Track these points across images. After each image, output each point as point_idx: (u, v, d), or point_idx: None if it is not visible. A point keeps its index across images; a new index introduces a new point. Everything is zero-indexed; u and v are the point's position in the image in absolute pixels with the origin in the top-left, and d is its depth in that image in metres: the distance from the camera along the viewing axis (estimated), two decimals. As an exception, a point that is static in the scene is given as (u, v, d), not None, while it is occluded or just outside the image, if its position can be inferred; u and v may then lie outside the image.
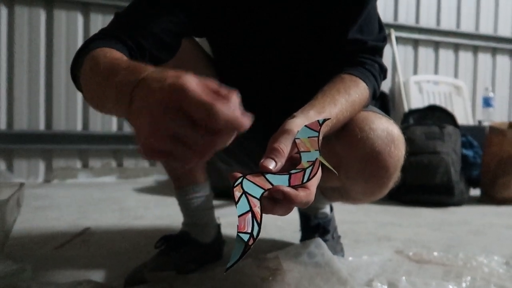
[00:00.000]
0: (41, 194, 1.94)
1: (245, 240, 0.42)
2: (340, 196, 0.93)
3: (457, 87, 3.24)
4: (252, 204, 0.45)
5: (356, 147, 0.75)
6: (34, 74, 2.28)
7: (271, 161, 0.51)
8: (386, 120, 0.77)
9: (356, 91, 0.72)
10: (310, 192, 0.50)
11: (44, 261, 0.96)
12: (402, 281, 0.82)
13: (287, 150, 0.53)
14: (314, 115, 0.62)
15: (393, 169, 0.77)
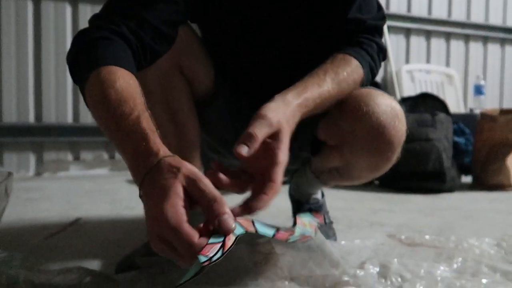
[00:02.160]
0: (31, 186, 1.92)
1: (201, 261, 0.44)
2: (338, 177, 0.92)
3: (449, 76, 3.25)
4: (227, 238, 0.47)
5: (361, 122, 0.75)
6: (23, 66, 2.25)
7: (244, 146, 0.54)
8: (388, 96, 0.78)
9: (345, 69, 0.73)
10: (276, 186, 0.55)
11: (34, 250, 0.95)
12: (394, 263, 0.82)
13: (261, 135, 0.55)
14: (292, 98, 0.64)
15: (397, 143, 0.78)
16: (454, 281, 0.75)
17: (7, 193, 0.92)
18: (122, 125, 0.54)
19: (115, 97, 0.56)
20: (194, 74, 0.85)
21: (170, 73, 0.82)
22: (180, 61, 0.83)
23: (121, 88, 0.57)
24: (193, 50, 0.85)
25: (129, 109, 0.55)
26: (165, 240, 0.48)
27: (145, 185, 0.51)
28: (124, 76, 0.59)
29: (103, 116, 0.57)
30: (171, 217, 0.46)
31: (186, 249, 0.46)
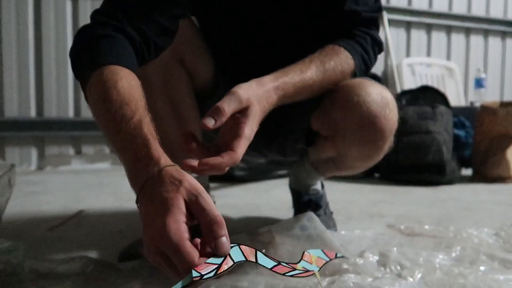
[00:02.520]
0: (34, 180, 1.93)
1: (193, 275, 0.44)
2: (334, 167, 0.93)
3: (450, 69, 3.24)
4: (224, 262, 0.47)
5: (352, 111, 0.76)
6: (24, 61, 2.25)
7: (211, 119, 0.54)
8: (379, 86, 0.79)
9: (333, 58, 0.74)
10: (235, 154, 0.55)
11: (37, 241, 0.96)
12: (393, 252, 0.83)
13: (228, 109, 0.56)
14: (268, 80, 0.65)
15: (388, 132, 0.79)
16: (452, 268, 0.76)
17: (11, 184, 0.93)
18: (123, 127, 0.53)
19: (117, 98, 0.55)
20: (194, 67, 0.86)
21: (171, 66, 0.83)
22: (181, 54, 0.83)
23: (123, 89, 0.56)
24: (194, 43, 0.86)
25: (130, 112, 0.54)
26: (162, 254, 0.46)
27: (144, 194, 0.50)
28: (126, 76, 0.58)
29: (104, 116, 0.56)
30: (174, 234, 0.45)
31: (186, 268, 0.45)
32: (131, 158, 0.52)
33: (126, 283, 0.69)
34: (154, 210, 0.48)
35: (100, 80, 0.57)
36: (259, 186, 1.86)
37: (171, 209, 0.46)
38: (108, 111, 0.55)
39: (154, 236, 0.46)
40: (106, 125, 0.56)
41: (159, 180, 0.49)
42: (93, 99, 0.59)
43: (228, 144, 0.56)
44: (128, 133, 0.53)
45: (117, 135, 0.54)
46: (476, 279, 0.71)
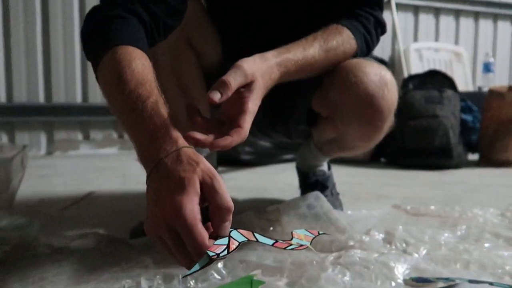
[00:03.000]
0: (44, 164, 1.96)
1: (210, 255, 0.45)
2: (337, 148, 0.94)
3: (458, 54, 3.21)
4: (230, 242, 0.48)
5: (350, 91, 0.77)
6: (32, 47, 2.27)
7: (217, 92, 0.54)
8: (378, 66, 0.78)
9: (336, 38, 0.74)
10: (243, 131, 0.55)
11: (50, 220, 0.98)
12: (399, 230, 0.85)
13: (234, 84, 0.56)
14: (271, 56, 0.65)
15: (387, 112, 0.79)
16: (457, 245, 0.77)
17: (23, 165, 0.95)
18: (139, 107, 0.53)
19: (131, 78, 0.55)
20: (202, 47, 0.86)
21: (180, 47, 0.83)
22: (189, 34, 0.84)
23: (137, 70, 0.56)
24: (201, 23, 0.86)
25: (146, 92, 0.54)
26: (170, 231, 0.47)
27: (159, 171, 0.49)
28: (139, 57, 0.59)
29: (117, 95, 0.56)
30: (189, 214, 0.45)
31: (196, 248, 0.46)
32: (148, 136, 0.52)
33: (138, 257, 0.71)
34: (169, 188, 0.48)
35: (113, 60, 0.58)
36: (266, 170, 1.88)
37: (187, 189, 0.47)
38: (122, 90, 0.55)
39: (168, 214, 0.46)
40: (119, 105, 0.56)
41: (176, 159, 0.49)
42: (105, 79, 0.59)
43: (233, 119, 0.57)
44: (144, 112, 0.53)
45: (130, 114, 0.54)
46: (480, 255, 0.72)
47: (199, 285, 0.62)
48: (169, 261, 0.68)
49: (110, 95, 0.58)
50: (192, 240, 0.45)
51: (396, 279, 0.64)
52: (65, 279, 0.64)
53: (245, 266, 0.67)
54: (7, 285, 0.61)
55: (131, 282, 0.60)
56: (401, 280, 0.64)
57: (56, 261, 0.70)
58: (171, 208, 0.46)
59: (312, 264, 0.67)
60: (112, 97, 0.58)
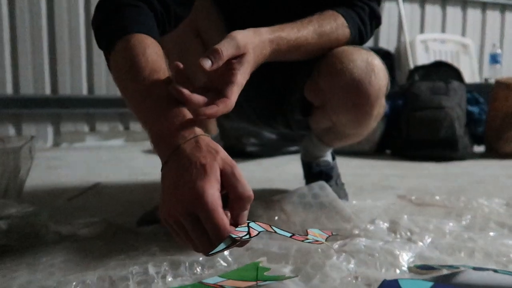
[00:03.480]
0: (51, 156, 1.98)
1: (233, 237, 0.46)
2: (334, 137, 0.95)
3: (465, 45, 3.18)
4: (251, 231, 0.49)
5: (337, 78, 0.77)
6: (37, 39, 2.28)
7: (208, 60, 0.54)
8: (365, 52, 0.78)
9: (330, 23, 0.74)
10: (229, 101, 0.55)
11: (58, 209, 1.00)
12: (404, 219, 0.85)
13: (226, 53, 0.56)
14: (265, 32, 0.65)
15: (374, 97, 0.79)
16: (462, 233, 0.78)
17: (31, 155, 0.96)
18: (154, 93, 0.53)
19: (146, 65, 0.56)
20: (209, 38, 0.87)
21: (187, 37, 0.84)
22: (197, 25, 0.84)
23: (151, 57, 0.57)
24: (209, 14, 0.86)
25: (161, 79, 0.55)
26: (188, 216, 0.47)
27: (178, 157, 0.49)
28: (153, 45, 0.59)
29: (131, 83, 0.56)
30: (211, 199, 0.46)
31: (218, 232, 0.46)
32: (164, 122, 0.52)
33: (145, 245, 0.72)
34: (190, 173, 0.48)
35: (127, 47, 0.58)
36: (271, 162, 1.89)
37: (209, 175, 0.47)
38: (136, 77, 0.55)
39: (189, 198, 0.47)
40: (133, 91, 0.56)
41: (195, 146, 0.49)
42: (118, 65, 0.59)
43: (220, 89, 0.56)
44: (160, 99, 0.53)
45: (145, 101, 0.54)
46: (485, 244, 0.72)
47: (206, 272, 0.63)
48: (176, 248, 0.69)
49: (123, 81, 0.58)
50: (214, 224, 0.46)
51: (401, 267, 0.65)
52: (73, 265, 0.65)
53: (251, 254, 0.68)
54: (17, 271, 0.62)
55: (139, 269, 0.61)
56: (405, 267, 0.65)
57: (64, 248, 0.71)
58: (193, 193, 0.46)
59: (317, 252, 0.67)
60: (125, 83, 0.58)
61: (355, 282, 0.60)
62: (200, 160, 0.48)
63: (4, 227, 0.73)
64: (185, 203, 0.47)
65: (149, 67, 0.56)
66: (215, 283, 0.57)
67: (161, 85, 0.54)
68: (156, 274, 0.61)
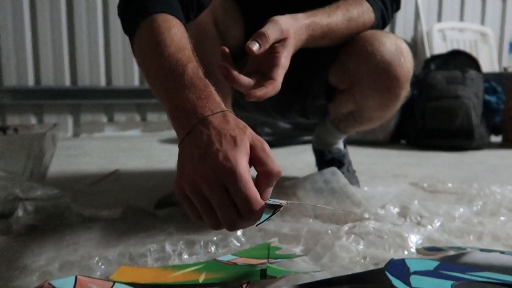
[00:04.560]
0: (71, 145, 2.04)
1: (274, 204, 0.46)
2: (354, 121, 0.96)
3: (483, 34, 3.12)
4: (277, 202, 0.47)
5: (367, 61, 0.79)
6: (57, 33, 2.34)
7: (256, 43, 0.56)
8: (394, 36, 0.81)
9: (356, 8, 0.75)
10: (276, 83, 0.56)
11: (79, 194, 1.04)
12: (415, 204, 0.86)
13: (272, 37, 0.57)
14: (301, 17, 0.66)
15: (404, 79, 0.80)
16: (471, 218, 0.79)
17: (54, 141, 1.01)
18: (179, 70, 0.53)
19: (171, 43, 0.56)
20: (227, 28, 0.88)
21: (205, 27, 0.86)
22: (215, 15, 0.86)
23: (177, 36, 0.57)
24: (227, 5, 0.88)
25: (186, 57, 0.55)
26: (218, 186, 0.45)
27: (205, 127, 0.48)
28: (178, 25, 0.60)
29: (155, 59, 0.56)
30: (243, 170, 0.44)
31: (249, 202, 0.44)
32: (190, 96, 0.51)
33: (162, 226, 0.75)
34: (220, 143, 0.46)
35: (152, 26, 0.58)
36: (284, 151, 1.91)
37: (240, 147, 0.46)
38: (160, 54, 0.55)
39: (221, 169, 0.44)
40: (157, 68, 0.55)
41: (223, 119, 0.49)
42: (143, 43, 0.60)
43: (266, 72, 0.58)
44: (186, 75, 0.52)
45: (169, 76, 0.53)
46: (494, 227, 0.73)
47: (220, 251, 0.66)
48: (191, 229, 0.72)
49: (146, 58, 0.58)
50: (246, 195, 0.44)
51: (409, 248, 0.67)
52: (96, 243, 0.69)
53: (263, 235, 0.70)
54: (44, 248, 0.66)
55: (156, 247, 0.65)
56: (413, 249, 0.66)
57: (87, 229, 0.75)
58: (225, 163, 0.44)
59: (327, 233, 0.70)
60: (148, 60, 0.58)
61: (364, 262, 0.62)
62: (230, 132, 0.47)
63: (31, 208, 0.77)
64: (216, 173, 0.45)
65: (174, 45, 0.56)
66: (228, 260, 0.60)
67: (187, 63, 0.54)
68: (172, 251, 0.64)
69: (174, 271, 0.56)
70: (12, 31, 2.26)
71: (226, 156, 0.45)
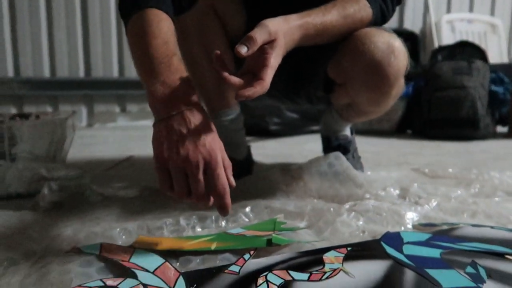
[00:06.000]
0: (86, 134, 2.11)
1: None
2: (354, 113, 1.01)
3: (493, 25, 3.11)
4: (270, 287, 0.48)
5: (358, 59, 0.82)
6: (72, 26, 2.40)
7: (244, 46, 0.60)
8: (387, 34, 0.83)
9: (353, 5, 0.79)
10: (265, 83, 0.61)
11: (97, 177, 1.10)
12: (414, 187, 0.91)
13: (259, 39, 0.62)
14: (294, 18, 0.71)
15: (393, 78, 0.83)
16: (467, 198, 0.83)
17: (74, 127, 1.07)
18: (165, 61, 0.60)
19: (158, 35, 0.62)
20: (227, 15, 0.92)
21: (205, 15, 0.90)
22: (215, 4, 0.90)
23: (164, 30, 0.63)
24: None
25: (171, 50, 0.62)
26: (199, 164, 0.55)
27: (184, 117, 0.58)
28: (166, 20, 0.66)
29: (143, 48, 0.62)
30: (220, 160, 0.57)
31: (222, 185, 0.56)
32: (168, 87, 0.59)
33: (176, 204, 0.81)
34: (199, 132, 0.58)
35: (143, 18, 0.65)
36: (292, 140, 1.95)
37: (214, 133, 0.59)
38: (149, 43, 0.62)
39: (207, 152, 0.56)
40: (143, 55, 0.62)
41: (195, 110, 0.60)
42: (134, 31, 0.66)
43: (256, 73, 0.63)
44: (168, 66, 0.60)
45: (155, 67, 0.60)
46: (488, 207, 0.78)
47: (230, 225, 0.72)
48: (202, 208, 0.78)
49: (136, 46, 0.65)
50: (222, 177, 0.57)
51: (406, 225, 0.71)
52: (115, 218, 0.75)
53: (269, 211, 0.76)
54: (69, 221, 0.73)
55: (172, 221, 0.70)
56: (410, 225, 0.71)
57: (107, 206, 0.82)
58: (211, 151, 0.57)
59: (329, 211, 0.75)
60: (138, 48, 0.64)
61: (362, 235, 0.67)
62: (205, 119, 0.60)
63: (55, 187, 0.83)
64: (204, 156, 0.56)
65: (162, 37, 0.62)
66: (237, 232, 0.66)
67: (172, 55, 0.61)
68: (186, 225, 0.70)
69: (188, 241, 0.62)
70: (28, 25, 2.34)
71: (211, 147, 0.57)
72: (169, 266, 0.52)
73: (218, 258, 0.56)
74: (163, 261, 0.53)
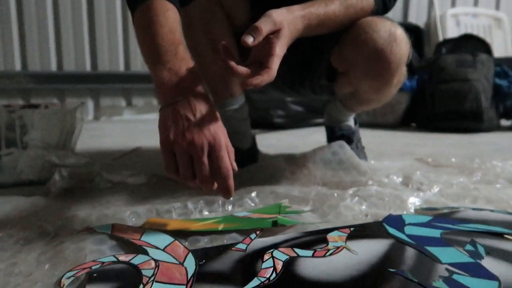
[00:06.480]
0: (93, 127, 2.14)
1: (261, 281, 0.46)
2: (355, 102, 1.02)
3: (498, 19, 3.11)
4: (276, 262, 0.50)
5: (360, 47, 0.84)
6: (78, 20, 2.43)
7: (250, 37, 0.62)
8: (389, 23, 0.84)
9: None
10: (271, 71, 0.62)
11: (106, 166, 1.12)
12: (417, 174, 0.92)
13: (265, 29, 0.63)
14: (296, 9, 0.72)
15: (395, 66, 0.85)
16: (468, 185, 0.84)
17: (82, 117, 1.09)
18: (172, 49, 0.63)
19: (165, 24, 0.64)
20: (232, 7, 0.94)
21: (211, 7, 0.92)
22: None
23: (170, 20, 0.66)
24: None
25: (177, 39, 0.64)
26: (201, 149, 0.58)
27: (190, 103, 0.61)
28: (172, 10, 0.68)
29: (150, 36, 0.64)
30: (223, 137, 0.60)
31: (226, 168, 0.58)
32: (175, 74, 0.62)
33: (183, 190, 0.83)
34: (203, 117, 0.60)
35: (150, 8, 0.67)
36: (296, 132, 1.97)
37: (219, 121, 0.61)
38: (156, 32, 0.64)
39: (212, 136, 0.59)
40: (151, 44, 0.64)
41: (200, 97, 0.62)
42: (141, 21, 0.68)
43: (262, 62, 0.65)
44: (174, 54, 0.63)
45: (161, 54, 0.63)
46: (489, 193, 0.79)
47: (236, 209, 0.74)
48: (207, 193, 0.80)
49: (143, 35, 0.67)
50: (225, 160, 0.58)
51: (408, 209, 0.73)
52: (125, 203, 0.77)
53: (274, 196, 0.78)
54: (80, 206, 0.75)
55: (180, 204, 0.72)
56: (412, 210, 0.73)
57: (116, 192, 0.84)
58: (216, 136, 0.59)
59: (333, 196, 0.77)
60: (145, 36, 0.66)
61: (365, 219, 0.69)
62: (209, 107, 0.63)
63: (66, 173, 0.86)
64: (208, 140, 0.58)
65: (168, 26, 0.65)
66: (243, 215, 0.68)
67: (178, 44, 0.64)
68: (194, 208, 0.72)
69: (196, 222, 0.64)
70: (35, 19, 2.36)
71: (215, 131, 0.59)
72: (178, 244, 0.54)
73: (226, 238, 0.58)
74: (173, 239, 0.56)
